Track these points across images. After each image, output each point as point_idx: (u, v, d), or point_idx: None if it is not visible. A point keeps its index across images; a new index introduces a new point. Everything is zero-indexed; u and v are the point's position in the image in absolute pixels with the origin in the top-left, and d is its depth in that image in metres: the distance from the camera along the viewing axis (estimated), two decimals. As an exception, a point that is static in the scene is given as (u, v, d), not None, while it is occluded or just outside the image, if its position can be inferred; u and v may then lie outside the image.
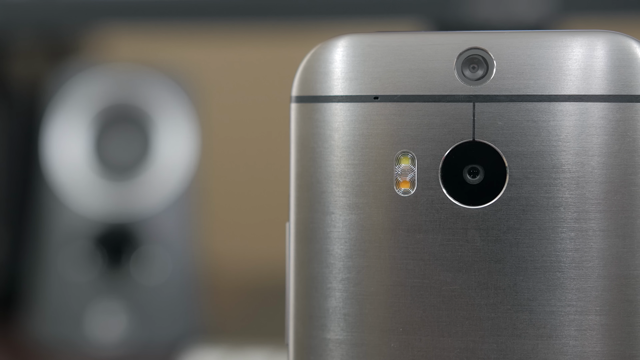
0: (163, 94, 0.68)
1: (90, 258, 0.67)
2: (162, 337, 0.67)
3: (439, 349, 0.28)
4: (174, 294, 0.67)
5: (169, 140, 0.67)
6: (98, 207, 0.67)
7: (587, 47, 0.27)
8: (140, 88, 0.68)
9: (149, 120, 0.67)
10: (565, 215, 0.27)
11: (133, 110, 0.68)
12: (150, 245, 0.67)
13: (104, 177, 0.67)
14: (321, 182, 0.28)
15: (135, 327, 0.67)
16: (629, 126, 0.27)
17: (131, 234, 0.67)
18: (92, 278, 0.67)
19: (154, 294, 0.67)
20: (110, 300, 0.67)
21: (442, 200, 0.28)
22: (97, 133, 0.68)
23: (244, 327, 0.72)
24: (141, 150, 0.68)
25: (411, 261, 0.28)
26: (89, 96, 0.68)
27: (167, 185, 0.67)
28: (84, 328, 0.67)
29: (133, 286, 0.67)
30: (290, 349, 0.29)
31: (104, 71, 0.68)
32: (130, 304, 0.67)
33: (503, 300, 0.27)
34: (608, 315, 0.27)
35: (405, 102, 0.28)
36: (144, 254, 0.67)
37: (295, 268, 0.29)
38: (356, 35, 0.28)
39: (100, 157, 0.68)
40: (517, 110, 0.27)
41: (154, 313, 0.67)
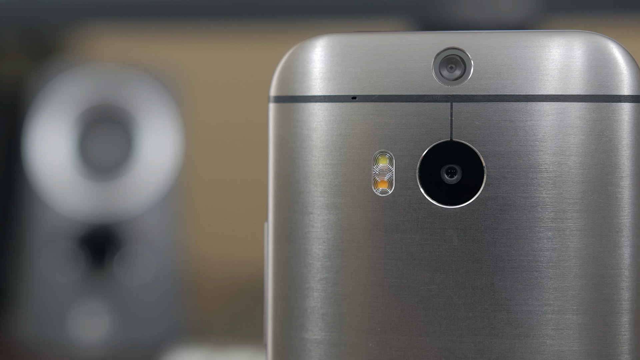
0: (146, 94, 0.68)
1: (73, 258, 0.66)
2: (145, 338, 0.66)
3: (417, 348, 0.28)
4: (157, 295, 0.67)
5: (152, 141, 0.67)
6: (81, 207, 0.66)
7: (565, 47, 0.28)
8: (124, 88, 0.68)
9: (132, 120, 0.67)
10: (543, 214, 0.27)
11: (116, 110, 0.67)
12: (133, 245, 0.67)
13: (87, 177, 0.67)
14: (299, 182, 0.28)
15: (118, 328, 0.66)
16: (606, 126, 0.27)
17: (114, 235, 0.67)
18: (76, 279, 0.66)
19: (137, 294, 0.67)
20: (93, 300, 0.66)
21: (420, 200, 0.28)
22: (80, 133, 0.68)
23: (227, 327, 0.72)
24: (124, 150, 0.67)
25: (389, 261, 0.28)
26: (72, 96, 0.67)
27: (150, 185, 0.67)
28: (68, 329, 0.66)
29: (116, 287, 0.66)
30: (269, 349, 0.29)
31: (87, 71, 0.68)
32: (113, 304, 0.66)
33: (481, 299, 0.27)
34: (585, 315, 0.27)
35: (383, 102, 0.28)
36: (127, 254, 0.67)
37: (273, 268, 0.29)
38: (334, 35, 0.28)
39: (83, 158, 0.67)
40: (495, 110, 0.27)
41: (137, 313, 0.67)
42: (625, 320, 0.28)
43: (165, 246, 0.67)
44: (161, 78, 0.68)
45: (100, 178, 0.67)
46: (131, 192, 0.67)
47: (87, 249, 0.67)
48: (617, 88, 0.27)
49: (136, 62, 0.69)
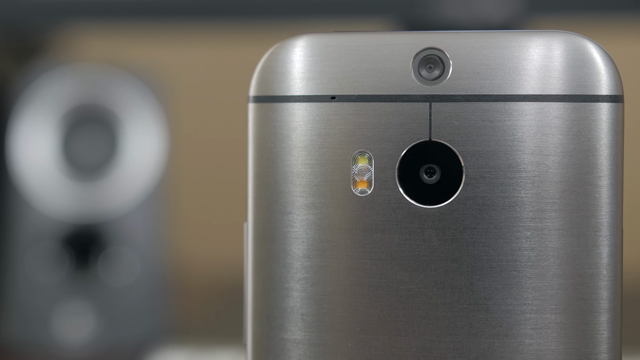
0: (130, 94, 0.67)
1: (57, 259, 0.66)
2: (129, 338, 0.66)
3: (396, 348, 0.28)
4: (141, 295, 0.67)
5: (137, 141, 0.67)
6: (65, 207, 0.66)
7: (543, 47, 0.28)
8: (108, 88, 0.67)
9: (117, 120, 0.67)
10: (521, 214, 0.27)
11: (100, 111, 0.67)
12: (118, 246, 0.66)
13: (72, 177, 0.67)
14: (279, 182, 0.28)
15: (102, 328, 0.66)
16: (584, 126, 0.28)
17: (99, 235, 0.67)
18: (60, 279, 0.66)
19: (122, 295, 0.66)
20: (77, 301, 0.66)
21: (399, 200, 0.28)
22: (64, 133, 0.67)
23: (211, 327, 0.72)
24: (109, 150, 0.67)
25: (368, 261, 0.28)
26: (56, 96, 0.67)
27: (134, 185, 0.67)
28: (52, 329, 0.66)
29: (101, 287, 0.66)
30: (249, 349, 0.29)
31: (72, 71, 0.68)
32: (97, 305, 0.66)
33: (459, 299, 0.27)
34: (564, 314, 0.27)
35: (362, 102, 0.28)
36: (111, 254, 0.67)
37: (253, 268, 0.29)
38: (314, 35, 0.28)
39: (67, 158, 0.67)
40: (473, 110, 0.27)
41: (121, 314, 0.66)
42: (604, 319, 0.28)
43: (149, 246, 0.67)
44: (145, 78, 0.68)
45: (85, 178, 0.67)
46: (115, 193, 0.67)
47: (71, 250, 0.66)
48: (595, 88, 0.28)
49: (120, 62, 0.69)
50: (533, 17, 0.68)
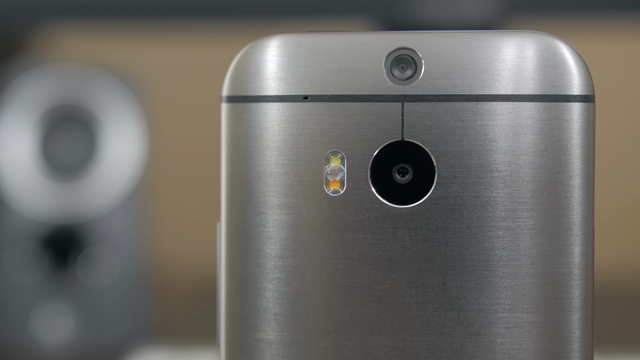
0: (110, 94, 0.67)
1: (36, 260, 0.66)
2: (109, 339, 0.66)
3: (369, 347, 0.28)
4: (121, 296, 0.66)
5: (116, 141, 0.67)
6: (44, 208, 0.66)
7: (515, 47, 0.28)
8: (87, 88, 0.67)
9: (96, 120, 0.67)
10: (493, 214, 0.28)
11: (79, 111, 0.67)
12: (97, 246, 0.66)
13: (51, 177, 0.66)
14: (252, 182, 0.28)
15: (82, 329, 0.66)
16: (556, 125, 0.28)
17: (78, 236, 0.66)
18: (39, 280, 0.66)
19: (101, 295, 0.66)
20: (56, 302, 0.66)
21: (372, 200, 0.28)
22: (43, 133, 0.67)
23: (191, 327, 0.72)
24: (88, 150, 0.67)
25: (341, 260, 0.28)
26: (36, 96, 0.67)
27: (114, 186, 0.67)
28: (31, 330, 0.66)
29: (80, 288, 0.66)
30: (222, 349, 0.29)
31: (51, 71, 0.68)
32: (77, 305, 0.66)
33: (432, 298, 0.28)
34: (536, 313, 0.28)
35: (335, 102, 0.28)
36: (91, 255, 0.66)
37: (226, 268, 0.29)
38: (286, 35, 0.28)
39: (46, 158, 0.67)
40: (446, 110, 0.28)
41: (101, 315, 0.66)
42: (576, 318, 0.28)
43: (129, 247, 0.67)
44: (125, 78, 0.68)
45: (64, 179, 0.67)
46: (94, 193, 0.66)
47: (50, 250, 0.66)
48: (566, 88, 0.28)
49: (99, 62, 0.69)
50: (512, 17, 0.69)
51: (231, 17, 0.70)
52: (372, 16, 0.69)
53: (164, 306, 0.75)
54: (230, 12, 0.69)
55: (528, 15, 0.70)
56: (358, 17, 0.69)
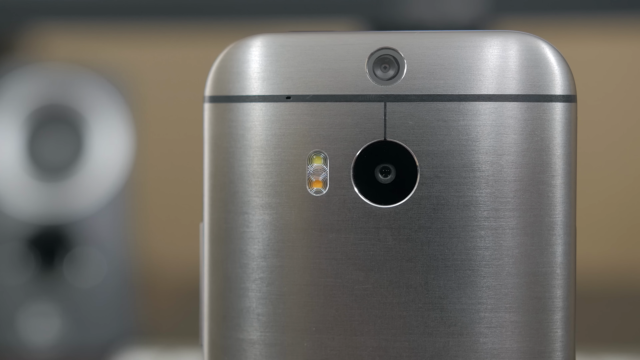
0: (96, 93, 0.67)
1: (23, 260, 0.66)
2: (96, 340, 0.66)
3: (352, 347, 0.28)
4: (108, 296, 0.66)
5: (103, 141, 0.67)
6: (31, 208, 0.66)
7: (497, 47, 0.28)
8: (74, 88, 0.67)
9: (82, 120, 0.67)
10: (476, 213, 0.28)
11: (66, 111, 0.67)
12: (84, 247, 0.66)
13: (37, 178, 0.66)
14: (234, 182, 0.28)
15: (68, 330, 0.66)
16: (538, 125, 0.28)
17: (65, 236, 0.66)
18: (25, 280, 0.66)
19: (88, 296, 0.66)
20: (43, 302, 0.66)
21: (354, 200, 0.28)
22: (30, 133, 0.67)
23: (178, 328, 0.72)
24: (74, 150, 0.67)
25: (324, 260, 0.28)
26: (22, 96, 0.67)
27: (100, 186, 0.67)
28: (17, 331, 0.66)
29: (67, 288, 0.66)
30: (205, 349, 0.29)
31: (37, 71, 0.67)
32: (64, 306, 0.66)
33: (414, 298, 0.28)
34: (518, 312, 0.28)
35: (317, 102, 0.28)
36: (77, 255, 0.66)
37: (209, 268, 0.29)
38: (269, 35, 0.28)
39: (33, 158, 0.67)
40: (428, 110, 0.28)
41: (88, 315, 0.66)
42: (558, 318, 0.28)
43: (116, 247, 0.67)
44: (111, 78, 0.68)
45: (50, 179, 0.66)
46: (81, 193, 0.66)
47: (36, 251, 0.66)
48: (549, 88, 0.28)
49: (86, 61, 0.69)
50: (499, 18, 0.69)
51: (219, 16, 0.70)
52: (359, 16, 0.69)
53: (151, 306, 0.75)
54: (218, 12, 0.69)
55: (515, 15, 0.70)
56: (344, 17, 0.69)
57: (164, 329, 0.72)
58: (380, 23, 0.67)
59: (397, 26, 0.66)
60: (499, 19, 0.69)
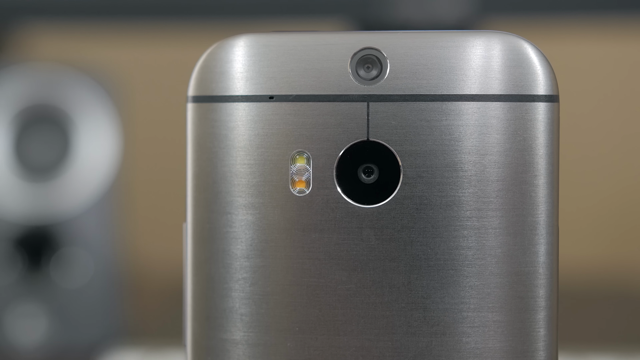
0: (83, 94, 0.67)
1: (9, 261, 0.66)
2: (82, 340, 0.66)
3: (335, 347, 0.28)
4: (94, 297, 0.66)
5: (90, 141, 0.67)
6: (17, 208, 0.66)
7: (480, 47, 0.28)
8: (60, 88, 0.67)
9: (69, 120, 0.67)
10: (459, 213, 0.28)
11: (53, 111, 0.67)
12: (70, 247, 0.66)
13: (24, 178, 0.66)
14: (218, 183, 0.28)
15: (55, 330, 0.66)
16: (521, 125, 0.28)
17: (51, 236, 0.66)
18: (12, 281, 0.66)
19: (75, 296, 0.66)
20: (30, 303, 0.66)
21: (337, 200, 0.28)
22: (16, 133, 0.67)
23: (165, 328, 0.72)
24: (61, 151, 0.67)
25: (307, 260, 0.28)
26: (9, 96, 0.67)
27: (88, 186, 0.66)
28: (4, 331, 0.66)
29: (53, 289, 0.66)
30: (188, 350, 0.29)
31: (24, 70, 0.67)
32: (50, 306, 0.66)
33: (397, 298, 0.28)
34: (501, 312, 0.28)
35: (301, 102, 0.28)
36: (64, 256, 0.66)
37: (192, 268, 0.29)
38: (252, 35, 0.28)
39: (19, 158, 0.67)
40: (411, 110, 0.28)
41: (74, 316, 0.66)
42: (540, 317, 0.28)
43: (103, 248, 0.67)
44: (98, 78, 0.68)
45: (37, 179, 0.66)
46: (68, 193, 0.66)
47: (23, 251, 0.66)
48: (531, 88, 0.28)
49: (73, 61, 0.69)
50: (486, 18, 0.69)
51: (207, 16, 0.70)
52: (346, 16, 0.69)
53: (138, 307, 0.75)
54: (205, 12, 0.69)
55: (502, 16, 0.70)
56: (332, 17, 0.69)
57: (150, 329, 0.71)
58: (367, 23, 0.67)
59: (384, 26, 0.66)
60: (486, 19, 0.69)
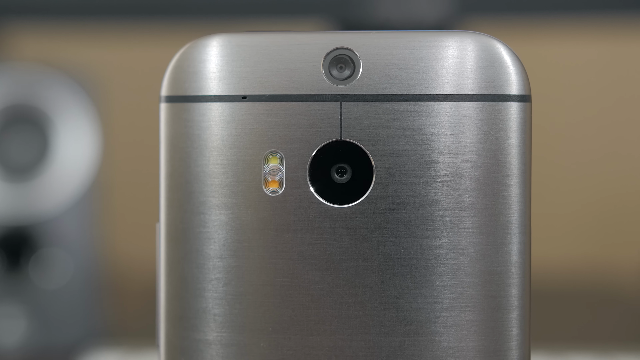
0: (62, 94, 0.67)
1: (-12, 261, 0.65)
2: (62, 341, 0.66)
3: (308, 347, 0.28)
4: (74, 297, 0.66)
5: (69, 141, 0.66)
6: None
7: (452, 47, 0.28)
8: (39, 88, 0.67)
9: (48, 120, 0.66)
10: (431, 213, 0.28)
11: (32, 111, 0.66)
12: (50, 248, 0.66)
13: (2, 178, 0.66)
14: (191, 183, 0.28)
15: (34, 331, 0.65)
16: (493, 125, 0.28)
17: (30, 237, 0.66)
18: (-9, 282, 0.65)
19: (54, 297, 0.66)
20: (9, 304, 0.65)
21: (310, 200, 0.28)
22: (-5, 134, 0.66)
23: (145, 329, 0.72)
24: (40, 151, 0.66)
25: (280, 260, 0.28)
26: (-13, 96, 0.66)
27: (67, 186, 0.66)
28: (-17, 333, 0.65)
29: (33, 290, 0.66)
30: (161, 350, 0.29)
31: (2, 70, 0.67)
32: (30, 307, 0.66)
33: (371, 298, 0.28)
34: (473, 311, 0.28)
35: (273, 102, 0.28)
36: (43, 256, 0.66)
37: (166, 269, 0.29)
38: (225, 35, 0.28)
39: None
40: (383, 110, 0.28)
41: (54, 316, 0.66)
42: (513, 316, 0.28)
43: (82, 248, 0.66)
44: (78, 78, 0.67)
45: (16, 179, 0.66)
46: (47, 194, 0.66)
47: (2, 252, 0.66)
48: (504, 88, 0.28)
49: (52, 61, 0.68)
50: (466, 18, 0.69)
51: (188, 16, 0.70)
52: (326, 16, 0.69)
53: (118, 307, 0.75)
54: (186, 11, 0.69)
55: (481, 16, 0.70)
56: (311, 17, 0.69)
57: (130, 330, 0.71)
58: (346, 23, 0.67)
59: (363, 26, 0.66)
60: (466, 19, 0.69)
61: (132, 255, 0.86)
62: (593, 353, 0.61)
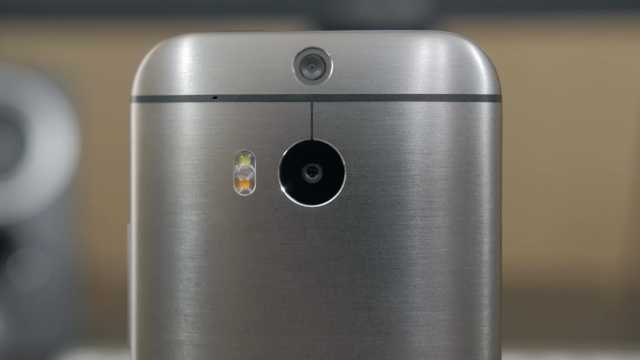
0: (39, 94, 0.66)
1: (-35, 262, 0.65)
2: (40, 342, 0.65)
3: (280, 347, 0.28)
4: (52, 298, 0.66)
5: (46, 141, 0.66)
6: (-27, 210, 0.65)
7: (423, 47, 0.28)
8: (16, 88, 0.66)
9: (25, 120, 0.66)
10: (403, 212, 0.28)
11: (8, 111, 0.66)
12: (27, 248, 0.65)
13: (-21, 179, 0.66)
14: (162, 183, 0.28)
15: (12, 332, 0.65)
16: (464, 124, 0.28)
17: (8, 237, 0.65)
18: (-32, 283, 0.65)
19: (32, 298, 0.65)
20: (-14, 305, 0.65)
21: (281, 200, 0.28)
22: (-28, 134, 0.66)
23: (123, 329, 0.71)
24: (17, 151, 0.66)
25: (251, 260, 0.28)
26: (-36, 96, 0.66)
27: (44, 187, 0.66)
28: (-40, 334, 0.65)
29: (10, 290, 0.65)
30: (133, 350, 0.29)
31: (-21, 71, 0.67)
32: (7, 308, 0.65)
33: (342, 297, 0.28)
34: (444, 311, 0.28)
35: (244, 102, 0.28)
36: (21, 257, 0.65)
37: (137, 269, 0.29)
38: (196, 35, 0.28)
39: (-25, 159, 0.66)
40: (354, 110, 0.28)
41: (32, 317, 0.65)
42: (484, 315, 0.28)
43: (60, 249, 0.66)
44: (55, 78, 0.67)
45: (-7, 180, 0.66)
46: (24, 194, 0.66)
47: (-21, 253, 0.65)
48: (475, 88, 0.28)
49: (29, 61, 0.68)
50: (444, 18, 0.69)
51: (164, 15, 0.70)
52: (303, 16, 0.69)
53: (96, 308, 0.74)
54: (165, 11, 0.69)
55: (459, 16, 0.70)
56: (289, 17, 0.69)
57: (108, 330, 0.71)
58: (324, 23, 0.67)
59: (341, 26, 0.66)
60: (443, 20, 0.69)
61: (110, 256, 0.86)
62: (569, 352, 0.61)
